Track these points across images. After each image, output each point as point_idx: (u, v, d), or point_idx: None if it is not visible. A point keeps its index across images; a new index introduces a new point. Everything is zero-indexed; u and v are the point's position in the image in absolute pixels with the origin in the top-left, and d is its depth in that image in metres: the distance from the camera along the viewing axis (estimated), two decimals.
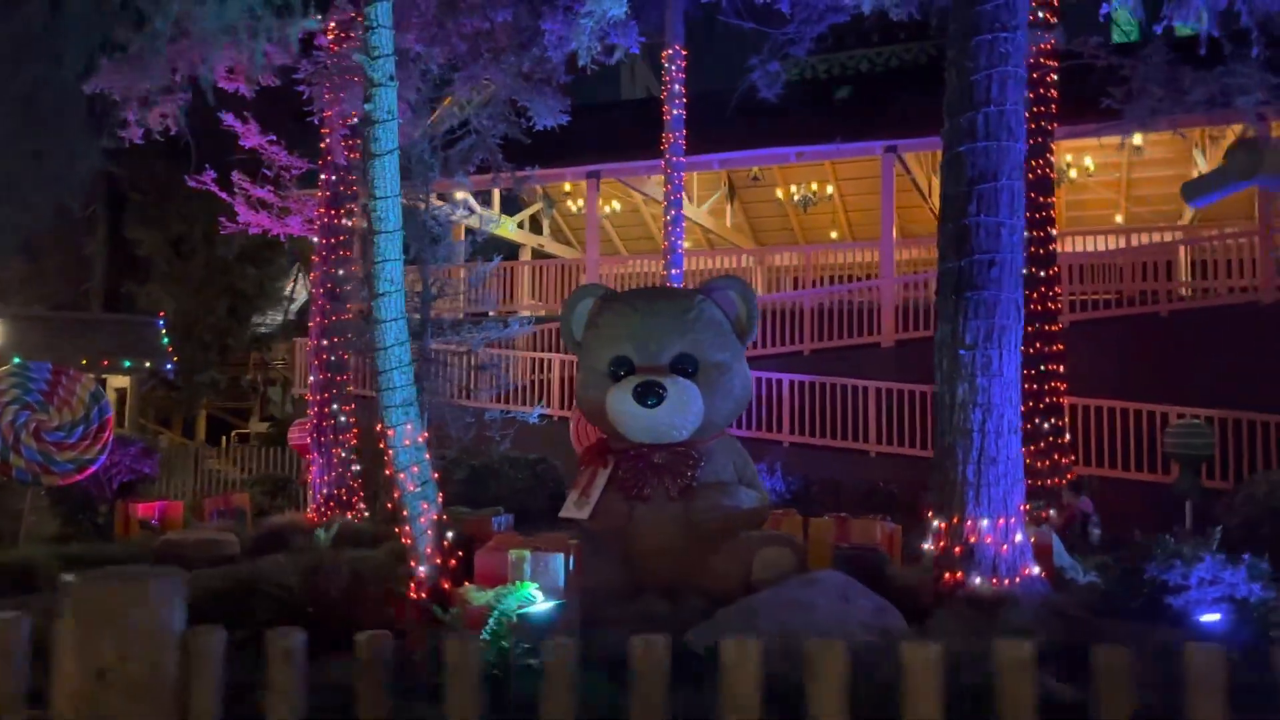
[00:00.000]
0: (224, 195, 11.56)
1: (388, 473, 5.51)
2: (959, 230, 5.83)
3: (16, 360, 11.28)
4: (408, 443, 5.40)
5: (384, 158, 5.37)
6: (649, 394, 6.36)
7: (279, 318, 26.05)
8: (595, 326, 6.98)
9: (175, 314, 20.58)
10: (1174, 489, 10.28)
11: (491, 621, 4.57)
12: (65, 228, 19.20)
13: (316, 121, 10.56)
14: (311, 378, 10.77)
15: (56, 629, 1.53)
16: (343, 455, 10.44)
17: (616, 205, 20.29)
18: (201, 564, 8.71)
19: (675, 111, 12.05)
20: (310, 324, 11.02)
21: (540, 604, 4.72)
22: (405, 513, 5.42)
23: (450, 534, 5.55)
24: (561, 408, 13.69)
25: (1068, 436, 10.11)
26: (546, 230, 21.23)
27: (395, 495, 5.49)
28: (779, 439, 12.95)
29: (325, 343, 10.61)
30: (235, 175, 11.60)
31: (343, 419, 10.49)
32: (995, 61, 5.76)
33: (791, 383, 13.16)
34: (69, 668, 1.37)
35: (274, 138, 11.13)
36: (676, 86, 12.05)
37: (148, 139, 10.28)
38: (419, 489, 5.41)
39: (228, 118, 10.84)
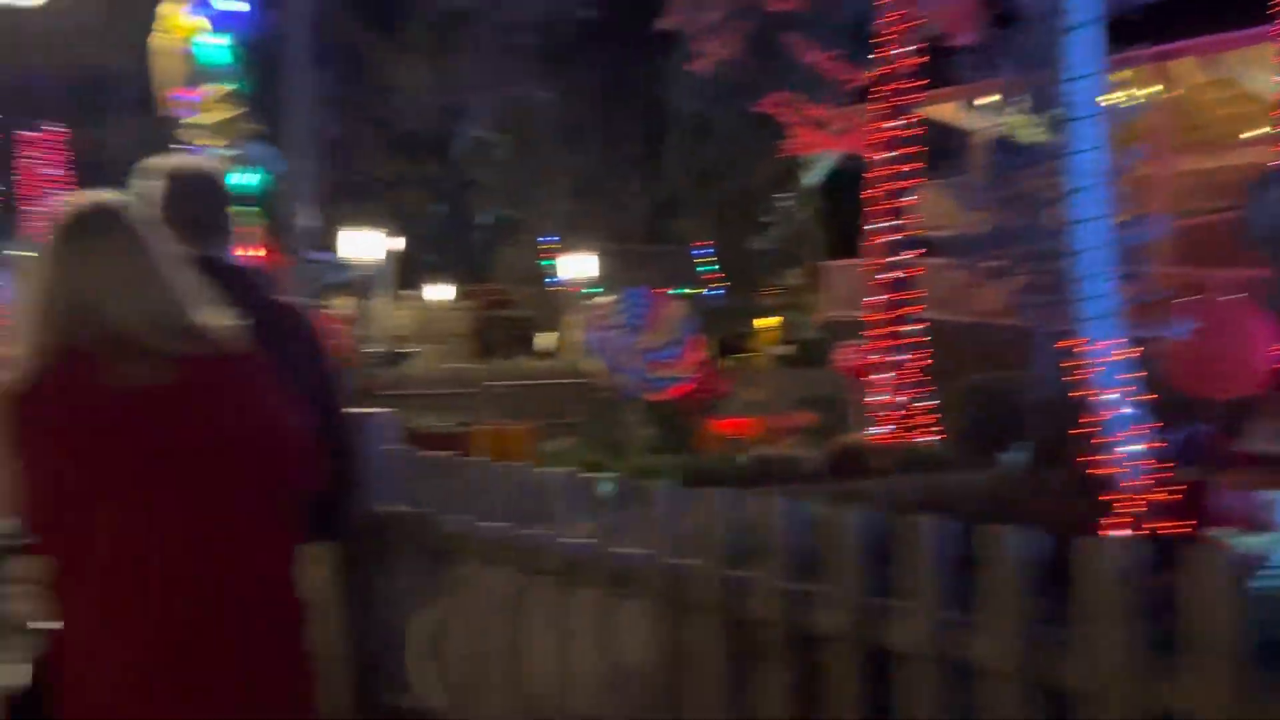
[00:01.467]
0: (785, 119, 11.60)
1: (1081, 394, 4.90)
2: None
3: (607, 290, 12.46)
4: (1110, 359, 4.73)
5: (1082, 29, 4.65)
6: None
7: (776, 244, 26.59)
8: None
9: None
10: None
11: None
12: (618, 165, 21.09)
13: (878, 28, 10.10)
14: (873, 298, 10.56)
15: None
16: (911, 377, 10.13)
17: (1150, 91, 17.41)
18: (790, 479, 8.98)
19: None
20: (868, 243, 10.79)
21: None
22: (1106, 439, 4.78)
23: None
24: None
25: None
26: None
27: (1092, 420, 4.86)
28: None
29: (887, 262, 10.32)
30: (792, 96, 11.59)
31: (910, 340, 10.17)
32: None
33: None
34: None
35: (837, 51, 10.87)
36: None
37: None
38: (1125, 412, 4.74)
39: (786, 37, 10.80)
